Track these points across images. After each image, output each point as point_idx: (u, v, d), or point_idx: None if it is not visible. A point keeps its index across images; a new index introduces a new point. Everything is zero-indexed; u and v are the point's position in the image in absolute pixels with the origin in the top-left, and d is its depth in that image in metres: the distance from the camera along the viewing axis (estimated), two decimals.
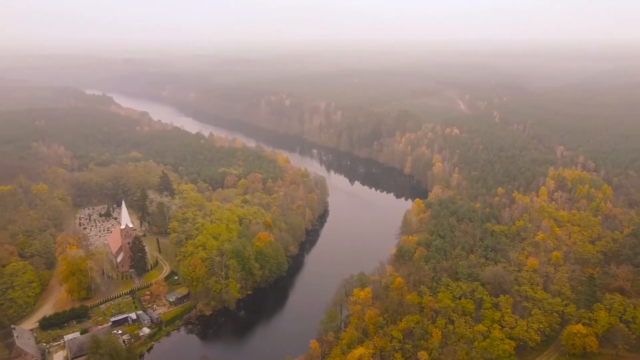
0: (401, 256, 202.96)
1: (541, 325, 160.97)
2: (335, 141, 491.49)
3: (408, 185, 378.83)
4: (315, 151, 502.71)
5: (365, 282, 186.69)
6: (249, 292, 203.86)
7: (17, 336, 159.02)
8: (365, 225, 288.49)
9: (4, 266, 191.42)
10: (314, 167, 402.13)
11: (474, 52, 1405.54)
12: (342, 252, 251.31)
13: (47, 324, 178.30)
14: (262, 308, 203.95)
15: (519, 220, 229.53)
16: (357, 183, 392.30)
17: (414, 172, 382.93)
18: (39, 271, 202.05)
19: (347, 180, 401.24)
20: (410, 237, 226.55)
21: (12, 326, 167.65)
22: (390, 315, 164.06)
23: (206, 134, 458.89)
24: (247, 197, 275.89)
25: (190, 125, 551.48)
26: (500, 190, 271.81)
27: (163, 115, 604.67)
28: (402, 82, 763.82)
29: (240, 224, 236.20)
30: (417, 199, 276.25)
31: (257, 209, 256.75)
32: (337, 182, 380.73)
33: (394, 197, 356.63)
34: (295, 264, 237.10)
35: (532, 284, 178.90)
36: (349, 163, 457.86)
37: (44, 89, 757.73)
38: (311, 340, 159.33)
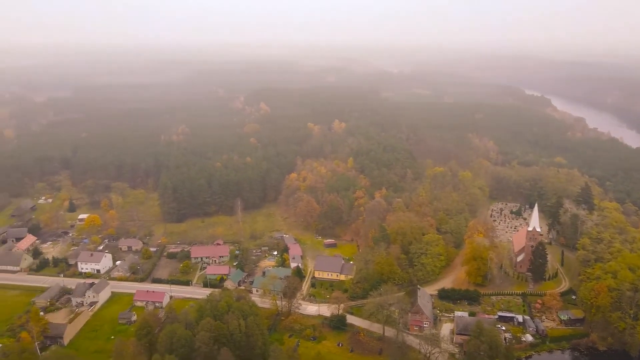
0: None
1: None
2: None
3: None
4: None
5: None
6: None
7: (420, 296, 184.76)
8: None
9: (423, 234, 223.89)
10: None
11: None
12: None
13: (444, 295, 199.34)
14: None
15: None
16: None
17: None
18: (448, 247, 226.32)
19: None
20: None
21: (418, 287, 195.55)
22: None
23: None
24: None
25: (633, 139, 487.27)
26: None
27: (601, 123, 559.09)
28: None
29: None
30: None
31: None
32: None
33: None
34: None
35: None
36: None
37: (490, 86, 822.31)
38: None
